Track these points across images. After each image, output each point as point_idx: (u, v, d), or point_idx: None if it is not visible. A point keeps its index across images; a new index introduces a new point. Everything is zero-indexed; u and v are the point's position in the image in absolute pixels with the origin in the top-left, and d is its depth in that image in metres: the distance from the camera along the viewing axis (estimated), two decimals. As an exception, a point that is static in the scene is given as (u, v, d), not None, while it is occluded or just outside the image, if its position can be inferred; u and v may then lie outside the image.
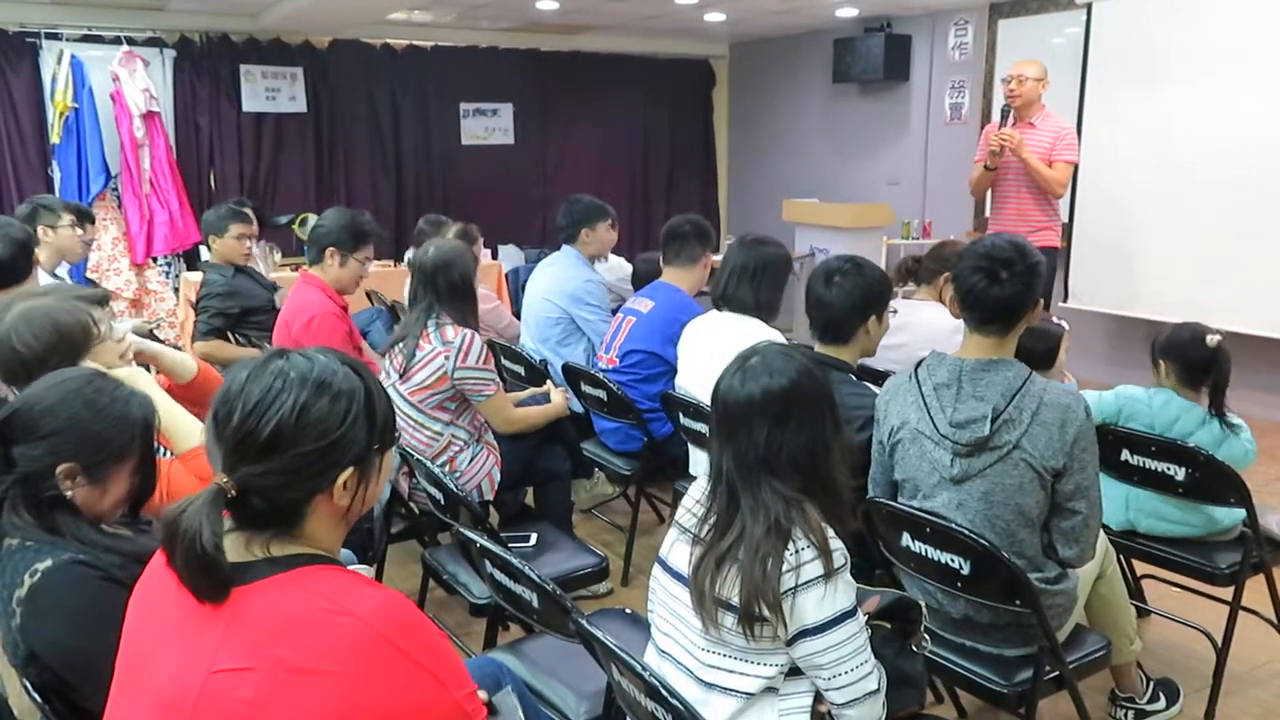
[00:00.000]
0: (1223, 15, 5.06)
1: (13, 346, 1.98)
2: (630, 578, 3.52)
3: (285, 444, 1.18)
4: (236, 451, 1.18)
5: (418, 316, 3.00)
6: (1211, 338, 2.67)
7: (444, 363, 2.92)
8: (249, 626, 1.13)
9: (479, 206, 7.54)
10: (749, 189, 9.03)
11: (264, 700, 1.09)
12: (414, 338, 2.97)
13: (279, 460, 1.18)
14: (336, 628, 1.13)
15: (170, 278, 6.65)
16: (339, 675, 1.10)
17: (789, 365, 1.69)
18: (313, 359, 1.23)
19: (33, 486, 1.57)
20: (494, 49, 7.93)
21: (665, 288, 3.62)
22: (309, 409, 1.19)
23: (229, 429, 1.18)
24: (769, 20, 7.46)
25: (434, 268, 3.01)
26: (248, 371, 1.22)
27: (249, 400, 1.18)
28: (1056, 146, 4.69)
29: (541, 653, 2.14)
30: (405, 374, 2.95)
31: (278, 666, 1.10)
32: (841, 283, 2.47)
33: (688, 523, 1.72)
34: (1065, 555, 2.09)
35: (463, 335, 2.94)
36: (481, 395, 2.99)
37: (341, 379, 1.23)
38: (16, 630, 1.52)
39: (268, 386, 1.19)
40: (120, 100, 6.28)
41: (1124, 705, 2.61)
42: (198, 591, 1.15)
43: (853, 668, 1.61)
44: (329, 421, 1.20)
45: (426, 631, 1.20)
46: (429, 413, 2.97)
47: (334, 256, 3.44)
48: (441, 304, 3.00)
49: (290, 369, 1.21)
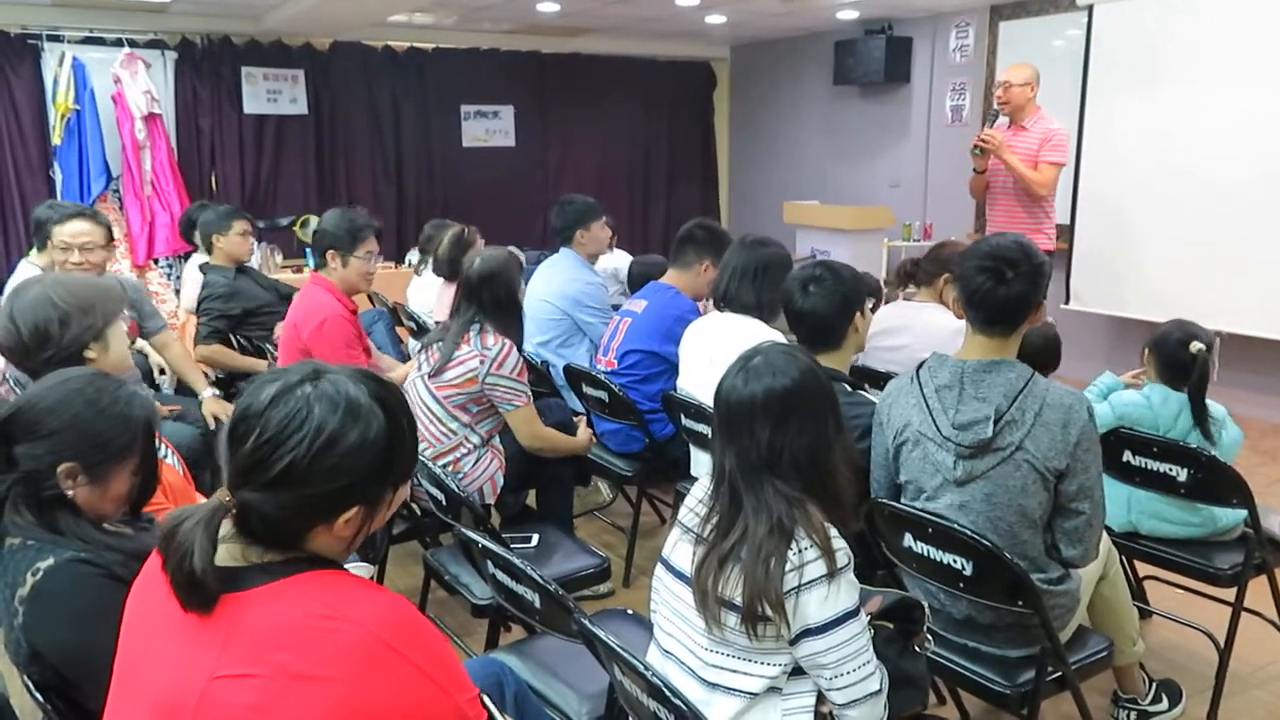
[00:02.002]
0: (1224, 18, 5.06)
1: (51, 301, 2.13)
2: (632, 579, 3.52)
3: (294, 483, 1.15)
4: (243, 474, 1.16)
5: (460, 324, 2.98)
6: (1195, 345, 2.65)
7: (477, 366, 2.90)
8: (251, 632, 1.12)
9: (480, 208, 7.55)
10: (750, 191, 9.03)
11: (265, 706, 1.09)
12: (454, 341, 2.95)
13: (284, 496, 1.15)
14: (336, 633, 1.12)
15: (171, 279, 6.65)
16: (339, 681, 1.10)
17: (791, 365, 1.69)
18: (341, 391, 1.17)
19: (34, 485, 1.58)
20: (495, 51, 7.94)
21: (659, 287, 3.63)
22: (326, 452, 1.15)
23: (242, 451, 1.16)
24: (770, 22, 7.47)
25: (479, 280, 2.99)
26: (275, 390, 1.17)
27: (267, 428, 1.14)
28: (1043, 148, 4.69)
29: (543, 653, 2.13)
30: (437, 371, 2.95)
31: (279, 672, 1.10)
32: (818, 290, 2.43)
33: (690, 523, 1.72)
34: (1068, 555, 2.09)
35: (501, 344, 2.92)
36: (510, 405, 2.97)
37: (368, 414, 1.17)
38: (19, 629, 1.52)
39: (289, 416, 1.14)
40: (122, 102, 6.30)
41: (1126, 706, 2.60)
42: (184, 602, 1.14)
43: (855, 668, 1.60)
44: (343, 467, 1.15)
45: (427, 635, 1.20)
46: (451, 410, 2.96)
47: (335, 258, 3.44)
48: (486, 316, 2.98)
49: (315, 402, 1.15)
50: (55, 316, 2.13)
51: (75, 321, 2.14)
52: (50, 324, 2.13)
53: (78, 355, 2.14)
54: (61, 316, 2.13)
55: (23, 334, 2.14)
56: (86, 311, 2.17)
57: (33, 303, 2.15)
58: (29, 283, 2.29)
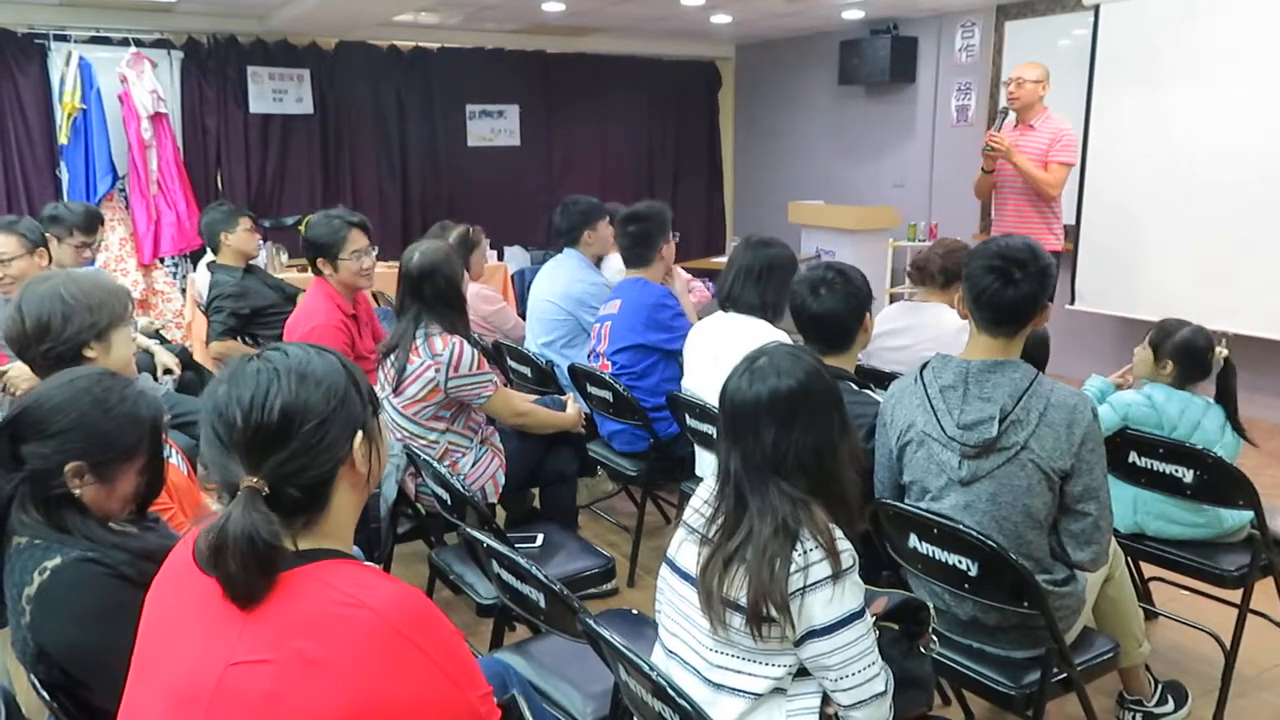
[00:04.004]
0: (1230, 18, 5.05)
1: (60, 295, 2.15)
2: (636, 579, 3.52)
3: (297, 421, 1.19)
4: (254, 447, 1.18)
5: (406, 326, 2.96)
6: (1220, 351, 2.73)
7: (435, 375, 2.88)
8: (268, 620, 1.13)
9: (485, 208, 7.55)
10: (754, 191, 9.02)
11: (280, 692, 1.10)
12: (404, 350, 2.92)
13: (297, 439, 1.18)
14: (351, 620, 1.13)
15: (177, 278, 6.67)
16: (351, 667, 1.11)
17: (797, 366, 1.69)
18: (285, 350, 1.26)
19: (41, 484, 1.58)
20: (500, 51, 7.94)
21: (629, 283, 3.69)
22: (304, 382, 1.21)
23: (236, 432, 1.18)
24: (775, 22, 7.46)
25: (419, 275, 2.95)
26: (225, 381, 1.22)
27: (244, 400, 1.18)
28: (1053, 148, 4.68)
29: (548, 653, 2.14)
30: (397, 388, 2.93)
31: (294, 659, 1.10)
32: (828, 294, 2.44)
33: (696, 523, 1.72)
34: (1079, 559, 2.08)
35: (451, 346, 2.89)
36: (481, 398, 2.97)
37: (316, 356, 1.26)
38: (26, 628, 1.53)
39: (255, 382, 1.20)
40: (128, 101, 6.31)
41: (1132, 708, 2.60)
42: (247, 591, 1.13)
43: (860, 669, 1.60)
44: (324, 391, 1.22)
45: (440, 628, 1.21)
46: (424, 424, 2.96)
47: (326, 265, 3.45)
48: (429, 312, 2.94)
49: (269, 362, 1.23)
50: (60, 311, 2.15)
51: (78, 318, 2.16)
52: (53, 317, 2.15)
53: (76, 351, 2.15)
54: (66, 312, 2.15)
55: (26, 325, 2.16)
56: (92, 310, 2.18)
57: (42, 295, 2.18)
58: (43, 277, 2.33)
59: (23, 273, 3.37)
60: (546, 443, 3.28)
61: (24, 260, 3.41)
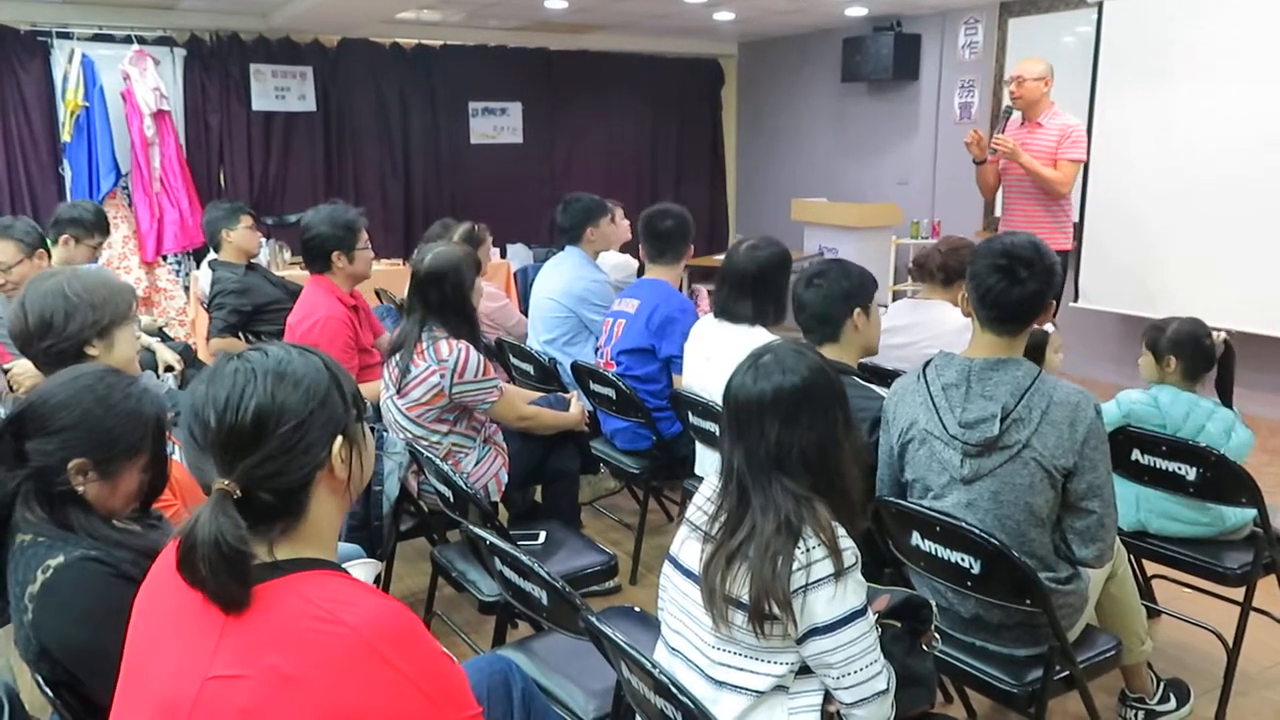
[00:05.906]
0: (1234, 14, 5.04)
1: (64, 293, 2.17)
2: (639, 576, 3.52)
3: (271, 423, 1.16)
4: (227, 449, 1.16)
5: (411, 328, 2.95)
6: (1218, 334, 2.73)
7: (439, 380, 2.87)
8: (244, 633, 1.11)
9: (487, 205, 7.56)
10: (757, 188, 9.02)
11: (256, 708, 1.08)
12: (408, 351, 2.91)
13: (271, 442, 1.16)
14: (327, 636, 1.10)
15: (180, 276, 6.67)
16: (326, 685, 1.08)
17: (801, 363, 1.68)
18: (265, 350, 1.23)
19: (45, 481, 1.58)
20: (503, 48, 7.93)
21: (649, 284, 3.65)
22: (281, 383, 1.18)
23: (210, 433, 1.16)
24: (778, 19, 7.45)
25: (427, 279, 2.94)
26: (204, 381, 1.21)
27: (218, 400, 1.17)
28: (1062, 145, 4.62)
29: (550, 650, 2.14)
30: (401, 390, 2.93)
31: (270, 674, 1.09)
32: (822, 282, 2.52)
33: (699, 520, 1.72)
34: (1083, 556, 2.08)
35: (457, 352, 2.87)
36: (486, 404, 2.96)
37: (298, 356, 1.23)
38: (29, 626, 1.53)
39: (232, 382, 1.18)
40: (131, 99, 6.31)
41: (1134, 706, 2.60)
42: (225, 597, 1.12)
43: (862, 667, 1.60)
44: (303, 392, 1.19)
45: (421, 647, 1.17)
46: (427, 426, 2.95)
47: (341, 258, 3.45)
48: (433, 317, 2.93)
49: (248, 362, 1.20)
50: (63, 308, 2.16)
51: (80, 316, 2.16)
52: (56, 314, 2.16)
53: (78, 349, 2.16)
54: (69, 309, 2.16)
55: (29, 322, 2.17)
56: (95, 308, 2.19)
57: (46, 292, 2.19)
58: (49, 273, 2.34)
59: (24, 277, 3.37)
60: (549, 440, 3.28)
61: (24, 265, 3.41)
